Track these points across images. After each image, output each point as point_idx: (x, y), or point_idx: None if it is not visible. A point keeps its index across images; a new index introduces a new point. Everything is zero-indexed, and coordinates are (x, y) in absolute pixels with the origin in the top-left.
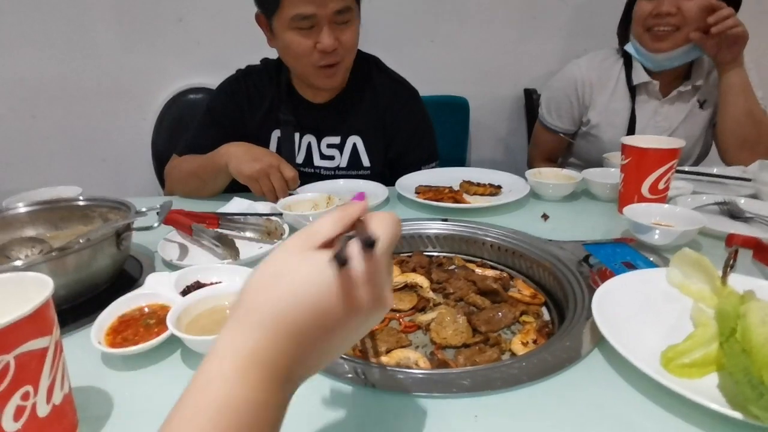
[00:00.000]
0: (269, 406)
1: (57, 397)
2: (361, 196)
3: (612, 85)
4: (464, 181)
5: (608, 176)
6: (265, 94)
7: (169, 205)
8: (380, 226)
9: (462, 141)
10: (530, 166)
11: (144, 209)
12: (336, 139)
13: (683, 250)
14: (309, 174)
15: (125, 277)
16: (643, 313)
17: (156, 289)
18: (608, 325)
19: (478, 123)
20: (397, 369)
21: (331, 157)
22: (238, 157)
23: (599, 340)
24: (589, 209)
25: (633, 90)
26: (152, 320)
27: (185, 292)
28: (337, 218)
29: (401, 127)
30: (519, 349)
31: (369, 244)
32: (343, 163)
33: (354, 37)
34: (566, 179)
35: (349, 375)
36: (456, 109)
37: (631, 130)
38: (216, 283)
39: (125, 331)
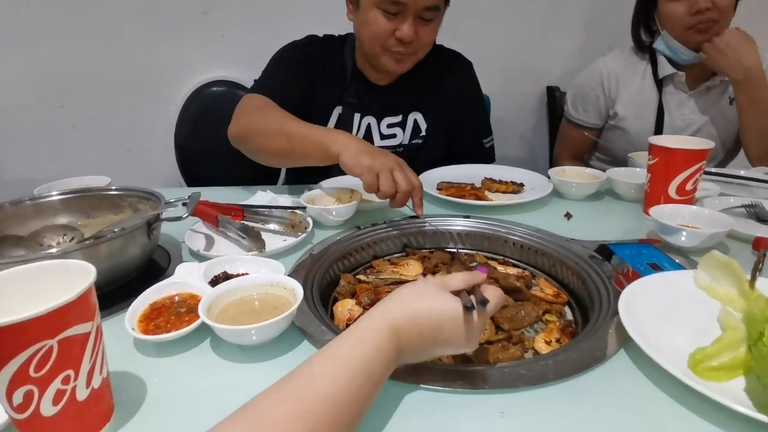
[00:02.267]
0: (392, 362)
1: (96, 381)
2: (483, 270)
3: (638, 78)
4: (486, 178)
5: (633, 176)
6: (334, 70)
7: (198, 196)
8: (492, 295)
9: None
10: (557, 164)
11: (173, 200)
12: (397, 118)
13: (711, 253)
14: None
15: (154, 266)
16: (669, 315)
17: (186, 278)
18: (635, 325)
19: (500, 120)
20: (424, 364)
21: (393, 136)
22: (356, 148)
23: (625, 341)
24: (613, 209)
25: (659, 83)
26: (183, 309)
27: (213, 282)
28: (467, 279)
29: (459, 95)
30: (542, 347)
31: (483, 303)
32: (405, 140)
33: (433, 36)
34: (590, 178)
35: None
36: None
37: (659, 122)
38: (243, 274)
39: (157, 318)
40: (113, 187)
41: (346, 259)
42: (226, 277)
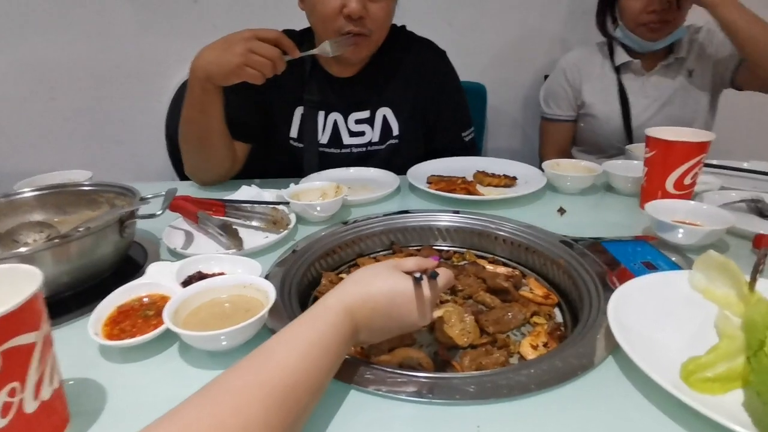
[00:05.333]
0: (348, 339)
1: (45, 393)
2: (436, 258)
3: (598, 67)
4: (478, 171)
5: (630, 169)
6: (289, 69)
7: (174, 191)
8: (442, 273)
9: (478, 129)
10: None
11: (149, 196)
12: (365, 114)
13: (708, 253)
14: (338, 155)
15: (130, 263)
16: (663, 318)
17: (157, 278)
18: (624, 331)
19: (496, 110)
20: (397, 372)
21: (361, 133)
22: (212, 61)
23: (614, 347)
24: (609, 204)
25: (618, 69)
26: (151, 311)
27: (187, 283)
28: (419, 263)
29: (432, 87)
30: (528, 352)
31: (433, 277)
32: (375, 137)
33: (385, 12)
34: (585, 171)
35: (346, 375)
36: (473, 96)
37: (624, 105)
38: (218, 274)
39: (123, 322)
40: (86, 183)
41: (330, 257)
42: (200, 277)
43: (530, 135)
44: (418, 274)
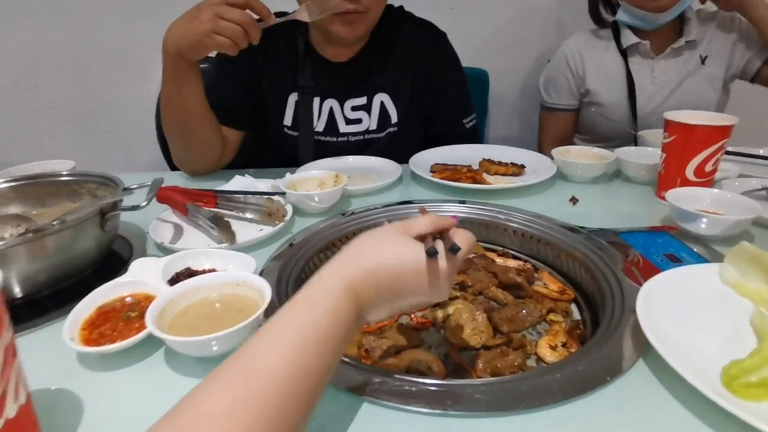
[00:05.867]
0: (352, 324)
1: (10, 410)
2: (455, 218)
3: (602, 51)
4: (484, 159)
5: (644, 156)
6: (281, 53)
7: (160, 181)
8: (462, 241)
9: (480, 116)
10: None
11: (134, 186)
12: (361, 100)
13: (741, 245)
14: (335, 144)
15: (115, 259)
16: (695, 317)
17: (141, 276)
18: (656, 331)
19: (499, 97)
20: (405, 378)
21: (358, 121)
22: (180, 33)
23: (645, 349)
24: (623, 193)
25: (624, 54)
26: (134, 313)
27: (175, 281)
28: (433, 222)
29: (431, 71)
30: (547, 353)
31: (454, 250)
32: (373, 125)
33: None
34: (597, 159)
35: (350, 383)
36: (475, 82)
37: (631, 90)
38: (209, 270)
39: (103, 325)
40: (66, 173)
41: (329, 250)
42: (189, 274)
43: (534, 124)
44: (432, 249)
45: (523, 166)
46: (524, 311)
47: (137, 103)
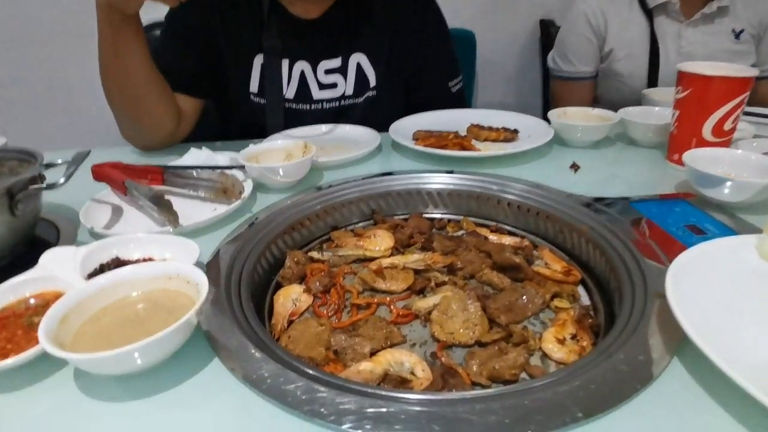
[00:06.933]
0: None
1: None
2: None
3: (624, 11)
4: (473, 124)
5: (651, 116)
6: (241, 9)
7: (84, 155)
8: None
9: (468, 81)
10: None
11: (59, 161)
12: (336, 62)
13: None
14: (307, 112)
15: (37, 250)
16: (736, 301)
17: (52, 270)
18: (694, 321)
19: (486, 60)
20: (381, 393)
21: (333, 85)
22: None
23: (678, 345)
24: (629, 158)
25: (650, 14)
26: (38, 318)
27: (97, 274)
28: None
29: (413, 29)
30: (554, 349)
31: None
32: (349, 90)
33: None
34: (599, 120)
35: (306, 407)
36: (461, 45)
37: (653, 57)
38: (146, 260)
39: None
40: None
41: (297, 231)
42: (117, 265)
43: (524, 88)
44: None
45: (516, 131)
46: (524, 298)
47: (92, 79)
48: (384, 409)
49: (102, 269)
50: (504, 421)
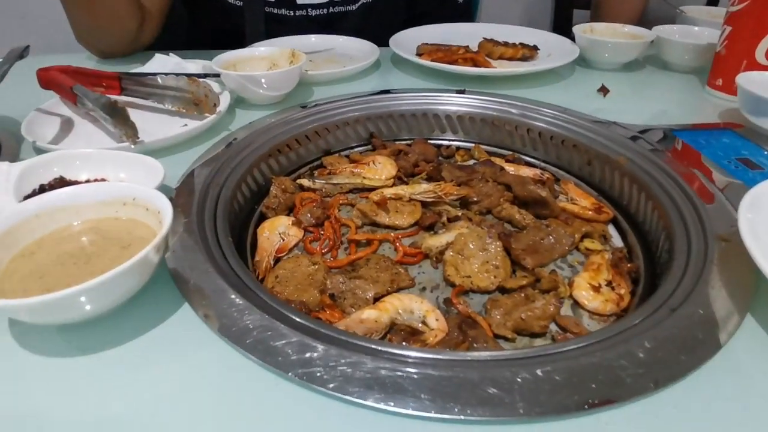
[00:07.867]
0: None
1: None
2: None
3: None
4: (485, 39)
5: (690, 35)
6: None
7: (20, 50)
8: None
9: None
10: None
11: None
12: None
13: None
14: (291, 19)
15: None
16: None
17: None
18: None
19: None
20: (394, 350)
21: None
22: None
23: (753, 300)
24: (661, 82)
25: None
26: None
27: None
28: None
29: None
30: (588, 297)
31: None
32: None
33: None
34: (629, 38)
35: (300, 369)
36: None
37: None
38: (97, 180)
39: None
40: None
41: (283, 155)
42: (62, 186)
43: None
44: None
45: (535, 48)
46: (551, 237)
47: None
48: (399, 372)
49: (42, 191)
50: (546, 386)
